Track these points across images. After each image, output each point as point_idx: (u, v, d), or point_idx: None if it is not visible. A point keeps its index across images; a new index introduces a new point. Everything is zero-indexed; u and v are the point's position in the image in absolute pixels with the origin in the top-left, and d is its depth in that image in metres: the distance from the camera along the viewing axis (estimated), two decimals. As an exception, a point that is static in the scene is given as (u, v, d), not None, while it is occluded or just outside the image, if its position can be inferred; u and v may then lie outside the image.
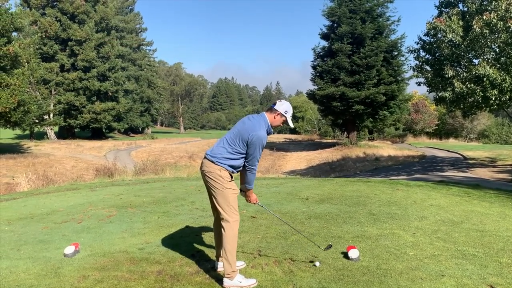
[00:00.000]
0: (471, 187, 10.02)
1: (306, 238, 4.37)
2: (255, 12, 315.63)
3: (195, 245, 4.80)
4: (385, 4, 37.67)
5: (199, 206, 7.36)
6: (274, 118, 3.78)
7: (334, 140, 48.24)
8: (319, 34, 40.04)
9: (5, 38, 25.25)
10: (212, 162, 3.69)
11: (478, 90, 14.42)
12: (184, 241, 4.95)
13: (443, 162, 23.56)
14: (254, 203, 4.06)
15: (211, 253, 4.39)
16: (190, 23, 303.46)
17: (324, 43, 40.11)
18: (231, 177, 3.75)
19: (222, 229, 3.67)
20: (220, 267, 3.87)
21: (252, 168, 3.78)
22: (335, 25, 37.94)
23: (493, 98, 14.20)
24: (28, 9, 46.07)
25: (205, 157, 3.78)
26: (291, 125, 3.97)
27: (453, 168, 19.43)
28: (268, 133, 3.75)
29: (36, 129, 42.49)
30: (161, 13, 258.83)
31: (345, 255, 4.20)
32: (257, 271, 3.90)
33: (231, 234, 3.63)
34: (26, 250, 4.80)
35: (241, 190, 3.97)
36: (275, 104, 3.85)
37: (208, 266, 4.06)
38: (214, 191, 3.70)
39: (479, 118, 49.79)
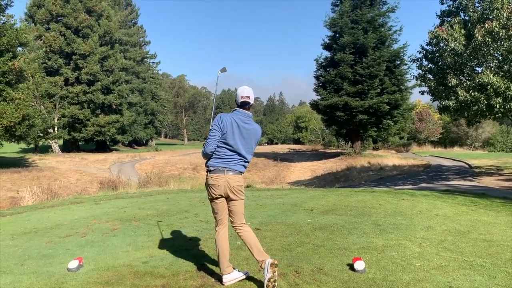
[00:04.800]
0: (477, 196, 9.94)
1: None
2: (263, 24, 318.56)
3: (200, 258, 4.76)
4: (387, 14, 37.89)
5: (203, 218, 7.33)
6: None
7: (338, 150, 48.17)
8: (322, 45, 40.31)
9: (10, 53, 25.51)
10: (241, 174, 3.90)
11: (482, 98, 14.39)
12: (188, 254, 4.91)
13: (448, 171, 23.44)
14: None
15: (216, 267, 4.35)
16: (196, 35, 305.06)
17: (326, 54, 40.39)
18: None
19: (245, 232, 3.85)
20: (226, 280, 3.84)
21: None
22: (337, 35, 38.15)
23: (498, 106, 14.16)
24: (33, 24, 46.56)
25: (238, 171, 3.87)
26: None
27: (458, 177, 19.31)
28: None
29: (40, 143, 42.67)
30: (165, 26, 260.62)
31: (351, 267, 4.15)
32: (261, 284, 3.85)
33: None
34: (30, 265, 4.78)
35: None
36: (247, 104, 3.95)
37: (213, 280, 4.02)
38: (240, 200, 3.90)
39: (483, 126, 49.71)
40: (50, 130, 41.81)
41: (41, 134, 35.90)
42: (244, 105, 3.92)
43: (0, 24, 26.29)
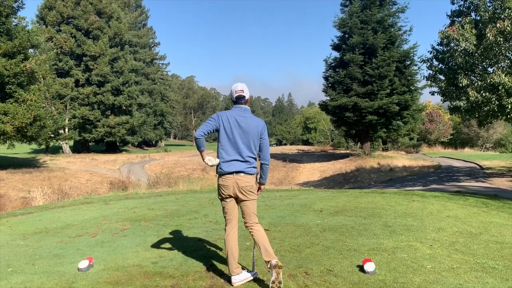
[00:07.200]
0: (488, 197, 9.83)
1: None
2: (275, 25, 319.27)
3: (209, 259, 4.76)
4: (397, 14, 37.61)
5: (212, 219, 7.33)
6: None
7: (348, 151, 47.94)
8: (331, 45, 40.13)
9: (22, 55, 25.80)
10: (251, 174, 3.87)
11: (494, 99, 14.24)
12: (198, 255, 4.92)
13: (459, 172, 23.21)
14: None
15: (225, 267, 4.35)
16: (205, 36, 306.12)
17: (335, 54, 40.20)
18: None
19: (255, 231, 3.86)
20: (235, 280, 3.84)
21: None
22: (347, 36, 37.97)
23: (509, 107, 14.00)
24: (44, 26, 47.06)
25: (247, 173, 3.85)
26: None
27: (469, 178, 19.12)
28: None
29: (51, 144, 43.07)
30: (175, 28, 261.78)
31: (361, 269, 4.12)
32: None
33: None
34: (41, 265, 4.81)
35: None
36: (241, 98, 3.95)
37: (222, 280, 4.01)
38: (250, 201, 3.90)
39: (495, 127, 49.12)
40: (61, 131, 42.15)
41: (52, 135, 36.22)
42: (239, 99, 3.93)
43: (12, 26, 26.60)
